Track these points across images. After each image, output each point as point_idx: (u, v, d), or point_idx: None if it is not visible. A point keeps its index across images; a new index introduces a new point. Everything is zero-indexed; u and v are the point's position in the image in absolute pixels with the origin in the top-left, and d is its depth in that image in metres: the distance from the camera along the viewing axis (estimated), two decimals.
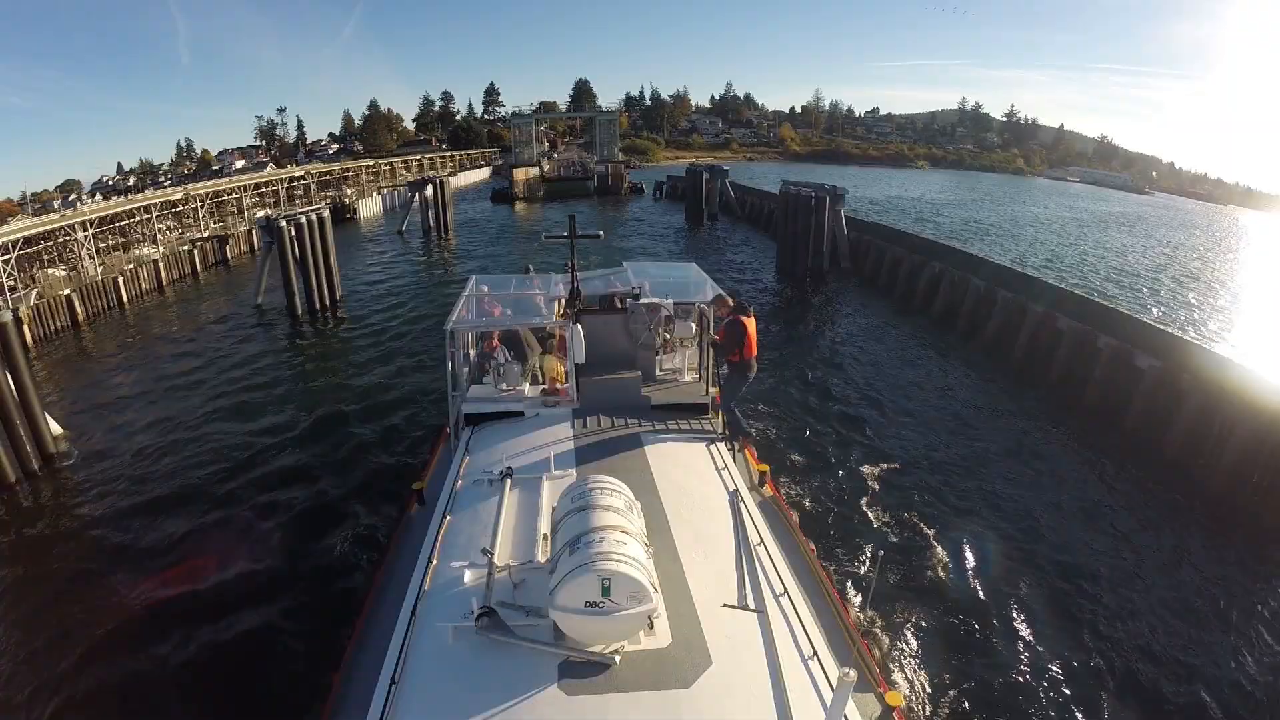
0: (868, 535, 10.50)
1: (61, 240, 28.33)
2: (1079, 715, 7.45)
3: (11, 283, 23.30)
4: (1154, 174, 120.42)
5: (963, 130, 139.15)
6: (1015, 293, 19.15)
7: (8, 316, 13.43)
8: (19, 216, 33.90)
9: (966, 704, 7.50)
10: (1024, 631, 8.61)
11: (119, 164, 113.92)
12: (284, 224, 23.97)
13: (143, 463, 13.57)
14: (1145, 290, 29.97)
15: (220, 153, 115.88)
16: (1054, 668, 8.01)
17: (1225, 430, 12.07)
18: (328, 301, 25.35)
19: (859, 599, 8.71)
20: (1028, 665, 8.06)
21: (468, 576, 5.10)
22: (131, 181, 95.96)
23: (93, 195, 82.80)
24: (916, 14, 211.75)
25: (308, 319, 24.33)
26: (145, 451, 14.04)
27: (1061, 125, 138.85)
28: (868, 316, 24.00)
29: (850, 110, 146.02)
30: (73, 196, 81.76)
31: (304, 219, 24.58)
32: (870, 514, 11.08)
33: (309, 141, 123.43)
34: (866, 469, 12.56)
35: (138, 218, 33.32)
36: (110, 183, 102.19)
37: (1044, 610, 8.99)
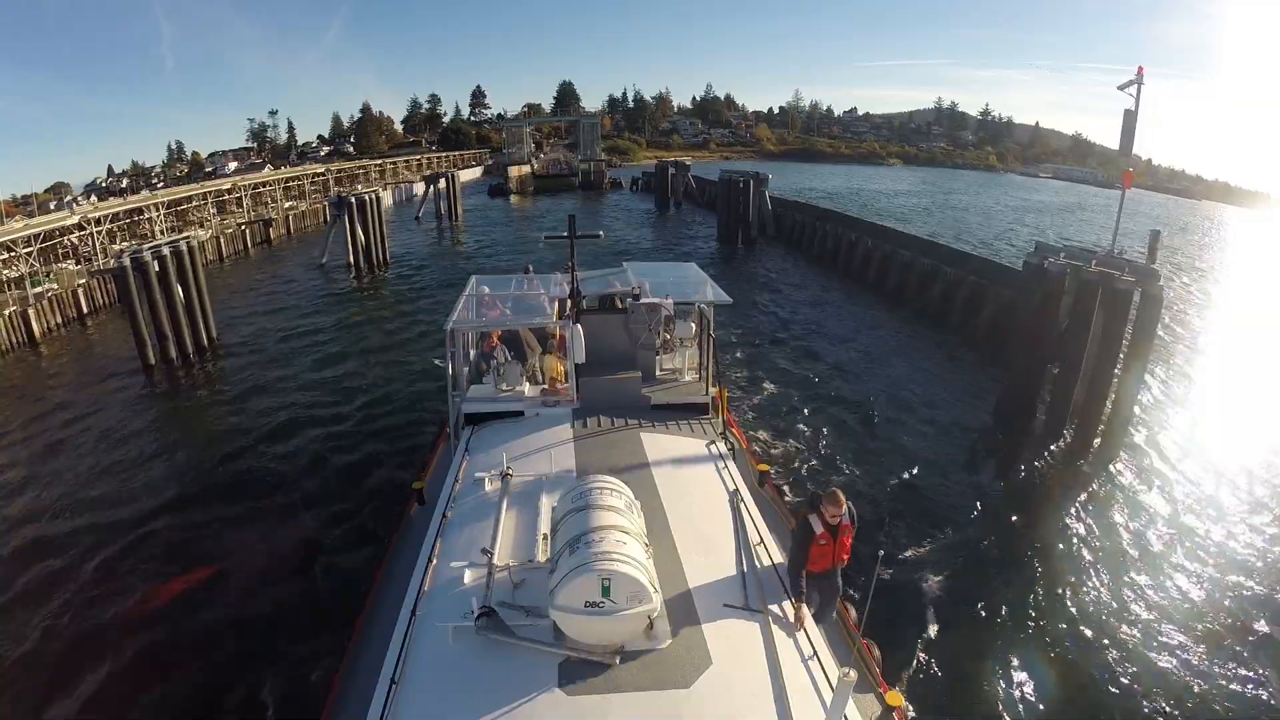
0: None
1: (133, 220, 34.32)
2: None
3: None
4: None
5: (938, 129, 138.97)
6: (876, 240, 28.44)
7: (196, 241, 18.82)
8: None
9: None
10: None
11: (109, 166, 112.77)
12: (353, 200, 31.29)
13: (253, 361, 20.04)
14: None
15: (211, 154, 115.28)
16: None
17: (984, 300, 20.44)
18: (380, 259, 32.93)
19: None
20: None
21: (468, 576, 5.09)
22: (124, 184, 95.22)
23: (87, 197, 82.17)
24: (903, 13, 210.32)
25: (366, 271, 32.04)
26: (246, 352, 20.79)
27: (1036, 123, 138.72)
28: (784, 266, 32.64)
29: (829, 110, 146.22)
30: (68, 198, 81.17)
31: (366, 197, 31.82)
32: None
33: (300, 143, 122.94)
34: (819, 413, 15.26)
35: (195, 203, 40.03)
36: (104, 185, 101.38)
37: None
